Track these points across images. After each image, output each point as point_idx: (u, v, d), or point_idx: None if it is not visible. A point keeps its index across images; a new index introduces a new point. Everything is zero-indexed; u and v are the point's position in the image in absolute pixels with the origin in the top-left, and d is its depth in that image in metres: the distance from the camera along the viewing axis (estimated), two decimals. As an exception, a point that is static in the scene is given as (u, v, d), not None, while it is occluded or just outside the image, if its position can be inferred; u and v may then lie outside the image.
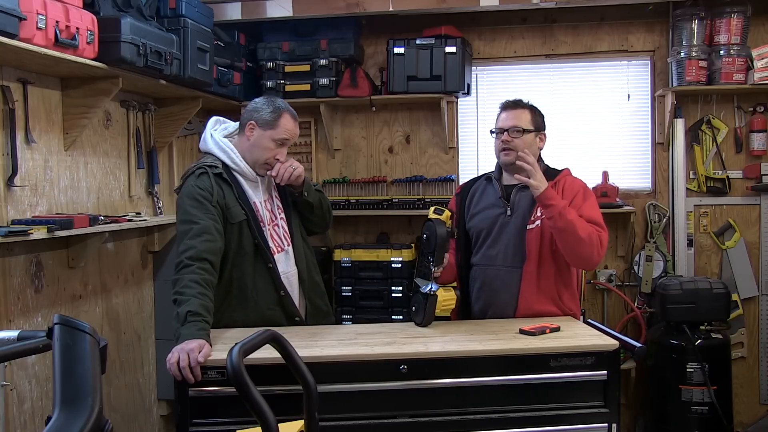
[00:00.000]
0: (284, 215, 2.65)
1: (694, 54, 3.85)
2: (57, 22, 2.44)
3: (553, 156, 2.87)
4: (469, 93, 4.22)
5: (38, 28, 2.35)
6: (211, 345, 2.13)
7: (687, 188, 4.05)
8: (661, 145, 4.12)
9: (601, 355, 2.19)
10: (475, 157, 4.34)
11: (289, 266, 2.61)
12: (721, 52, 3.83)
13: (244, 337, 1.66)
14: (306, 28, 4.15)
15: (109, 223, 2.90)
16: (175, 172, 3.81)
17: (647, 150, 4.19)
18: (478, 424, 2.12)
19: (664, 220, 4.09)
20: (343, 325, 3.32)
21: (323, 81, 4.09)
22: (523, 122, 2.67)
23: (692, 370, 3.59)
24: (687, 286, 3.68)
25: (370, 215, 4.26)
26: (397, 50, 4.00)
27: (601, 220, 2.58)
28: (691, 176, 4.09)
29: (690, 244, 4.07)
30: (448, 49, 3.95)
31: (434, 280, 2.49)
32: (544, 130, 2.75)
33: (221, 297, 2.47)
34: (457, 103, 4.27)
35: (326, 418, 2.00)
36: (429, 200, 4.08)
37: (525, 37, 4.26)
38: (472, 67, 4.24)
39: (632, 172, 4.20)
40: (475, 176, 2.93)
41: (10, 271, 2.60)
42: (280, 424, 1.51)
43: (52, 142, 2.84)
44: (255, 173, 2.57)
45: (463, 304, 2.73)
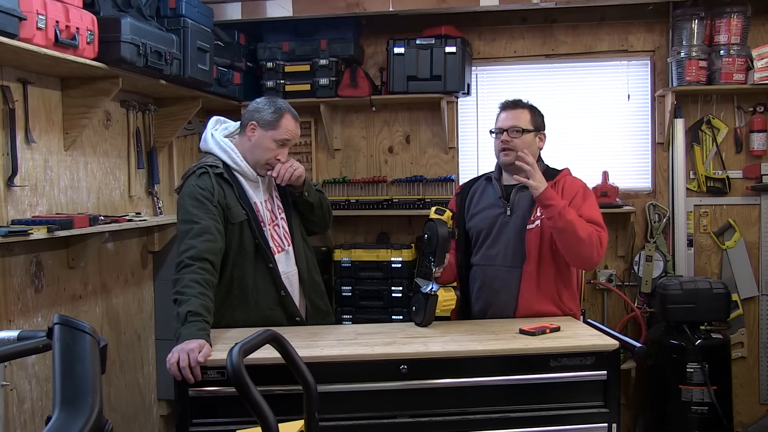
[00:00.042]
0: (284, 215, 2.65)
1: (694, 54, 3.85)
2: (57, 22, 2.44)
3: (553, 156, 2.87)
4: (469, 93, 4.22)
5: (38, 28, 2.35)
6: (211, 345, 2.13)
7: (687, 188, 4.05)
8: (661, 145, 4.12)
9: (601, 355, 2.19)
10: (475, 157, 4.34)
11: (290, 266, 2.61)
12: (721, 52, 3.83)
13: (245, 337, 1.66)
14: (306, 28, 4.15)
15: (109, 223, 2.90)
16: (175, 172, 3.81)
17: (647, 150, 4.19)
18: (478, 424, 2.12)
19: (664, 220, 4.09)
20: (343, 325, 3.31)
21: (323, 81, 4.09)
22: (523, 122, 2.66)
23: (692, 370, 3.59)
24: (687, 286, 3.68)
25: (370, 215, 4.26)
26: (397, 50, 4.00)
27: (601, 220, 2.58)
28: (691, 176, 4.09)
29: (690, 244, 4.07)
30: (448, 49, 3.94)
31: (435, 280, 2.50)
32: (544, 130, 2.75)
33: (222, 297, 2.47)
34: (457, 103, 4.27)
35: (326, 418, 2.00)
36: (429, 200, 4.08)
37: (525, 37, 4.25)
38: (472, 67, 4.24)
39: (632, 172, 4.20)
40: (475, 176, 2.93)
41: (10, 271, 2.60)
42: (280, 424, 1.51)
43: (52, 142, 2.85)
44: (256, 173, 2.57)
45: (463, 304, 2.73)
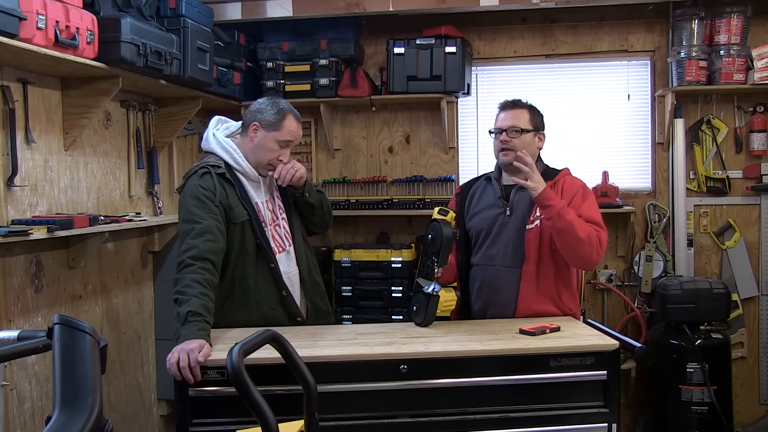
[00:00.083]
0: (285, 215, 2.65)
1: (694, 54, 3.84)
2: (57, 22, 2.43)
3: (553, 156, 2.87)
4: (469, 93, 4.22)
5: (38, 28, 2.35)
6: (211, 345, 2.13)
7: (687, 188, 4.05)
8: (661, 145, 4.12)
9: (601, 355, 2.19)
10: (475, 157, 4.34)
11: (291, 266, 2.61)
12: (721, 52, 3.83)
13: (245, 337, 1.66)
14: (306, 28, 4.15)
15: (109, 223, 2.90)
16: (175, 172, 3.81)
17: (647, 150, 4.19)
18: (478, 424, 2.12)
19: (664, 220, 4.09)
20: (343, 325, 3.32)
21: (323, 81, 4.09)
22: (522, 122, 2.66)
23: (692, 370, 3.59)
24: (687, 286, 3.68)
25: (370, 215, 4.26)
26: (397, 50, 4.00)
27: (601, 219, 2.58)
28: (691, 176, 4.09)
29: (690, 244, 4.07)
30: (448, 49, 3.94)
31: (436, 280, 2.49)
32: (543, 130, 2.75)
33: (223, 297, 2.47)
34: (457, 103, 4.27)
35: (326, 418, 2.00)
36: (429, 200, 4.09)
37: (525, 37, 4.25)
38: (472, 67, 4.24)
39: (632, 172, 4.20)
40: (475, 176, 2.93)
41: (10, 271, 2.60)
42: (280, 424, 1.51)
43: (52, 142, 2.84)
44: (257, 173, 2.57)
45: (463, 304, 2.73)
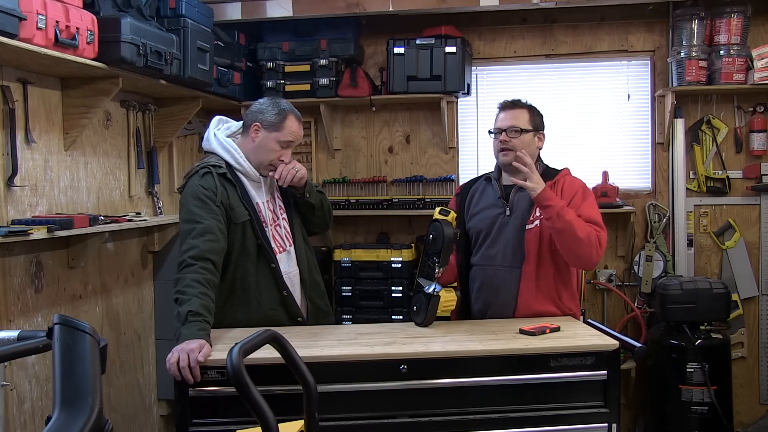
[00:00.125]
0: (286, 215, 2.65)
1: (694, 54, 3.84)
2: (57, 22, 2.43)
3: (553, 156, 2.87)
4: (469, 93, 4.22)
5: (38, 28, 2.35)
6: (211, 345, 2.13)
7: (687, 188, 4.05)
8: (661, 145, 4.12)
9: (601, 355, 2.19)
10: (475, 157, 4.34)
11: (291, 266, 2.61)
12: (721, 52, 3.83)
13: (246, 337, 1.66)
14: (306, 28, 4.15)
15: (109, 223, 2.90)
16: (175, 172, 3.81)
17: (647, 150, 4.19)
18: (478, 424, 2.12)
19: (664, 220, 4.09)
20: (343, 325, 3.31)
21: (323, 81, 4.09)
22: (521, 122, 2.66)
23: (692, 370, 3.59)
24: (687, 286, 3.68)
25: (370, 215, 4.26)
26: (397, 50, 4.00)
27: (600, 219, 2.58)
28: (691, 176, 4.09)
29: (690, 244, 4.07)
30: (448, 49, 3.94)
31: (436, 280, 2.49)
32: (543, 130, 2.75)
33: (224, 297, 2.47)
34: (457, 103, 4.27)
35: (326, 418, 2.00)
36: (429, 200, 4.09)
37: (525, 37, 4.25)
38: (472, 67, 4.24)
39: (632, 172, 4.20)
40: (475, 176, 2.93)
41: (10, 271, 2.60)
42: (280, 424, 1.51)
43: (52, 142, 2.84)
44: (258, 174, 2.57)
45: (463, 304, 2.73)
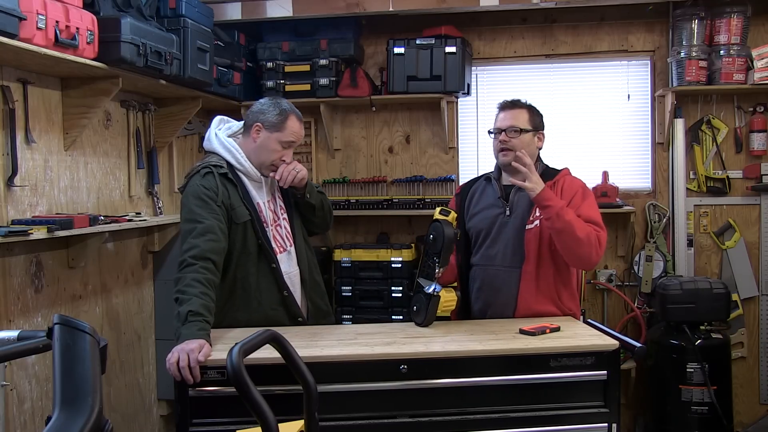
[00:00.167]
0: (286, 216, 2.65)
1: (694, 54, 3.84)
2: (57, 22, 2.43)
3: (553, 156, 2.87)
4: (469, 93, 4.22)
5: (38, 28, 2.35)
6: (211, 345, 2.13)
7: (687, 188, 4.05)
8: (661, 145, 4.12)
9: (601, 355, 2.19)
10: (475, 157, 4.34)
11: (292, 266, 2.61)
12: (721, 52, 3.83)
13: (246, 337, 1.66)
14: (306, 28, 4.15)
15: (109, 223, 2.90)
16: (175, 172, 3.81)
17: (647, 150, 4.19)
18: (478, 424, 2.12)
19: (664, 220, 4.09)
20: (343, 325, 3.32)
21: (323, 81, 4.09)
22: (521, 122, 2.66)
23: (692, 370, 3.59)
24: (687, 286, 3.68)
25: (370, 215, 4.26)
26: (397, 50, 4.00)
27: (600, 219, 2.58)
28: (691, 176, 4.09)
29: (690, 244, 4.07)
30: (448, 49, 3.95)
31: (436, 280, 2.49)
32: (543, 130, 2.74)
33: (225, 297, 2.47)
34: (457, 103, 4.27)
35: (326, 418, 2.00)
36: (429, 200, 4.09)
37: (525, 37, 4.25)
38: (472, 67, 4.24)
39: (632, 172, 4.20)
40: (475, 176, 2.93)
41: (10, 271, 2.60)
42: (280, 424, 1.51)
43: (52, 142, 2.84)
44: (259, 174, 2.57)
45: (463, 304, 2.73)
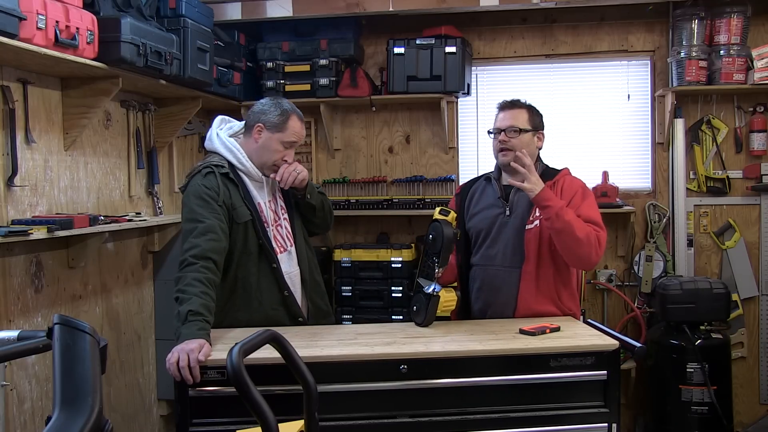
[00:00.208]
0: (287, 216, 2.65)
1: (694, 54, 3.85)
2: (57, 22, 2.43)
3: (552, 156, 2.87)
4: (469, 93, 4.22)
5: (38, 28, 2.35)
6: (211, 345, 2.13)
7: (687, 188, 4.05)
8: (661, 145, 4.12)
9: (601, 355, 2.19)
10: (475, 157, 4.34)
11: (292, 266, 2.61)
12: (721, 52, 3.83)
13: (246, 337, 1.65)
14: (306, 28, 4.15)
15: (109, 223, 2.90)
16: (175, 172, 3.81)
17: (647, 150, 4.19)
18: (478, 424, 2.12)
19: (664, 220, 4.09)
20: (343, 325, 3.32)
21: (323, 81, 4.09)
22: (521, 122, 2.66)
23: (692, 370, 3.59)
24: (687, 286, 3.68)
25: (370, 215, 4.26)
26: (397, 50, 4.00)
27: (600, 219, 2.58)
28: (691, 176, 4.09)
29: (690, 244, 4.07)
30: (448, 49, 3.95)
31: (436, 280, 2.49)
32: (542, 130, 2.74)
33: (225, 297, 2.47)
34: (457, 103, 4.27)
35: (326, 418, 2.00)
36: (429, 200, 4.09)
37: (525, 37, 4.25)
38: (472, 67, 4.24)
39: (632, 172, 4.20)
40: (475, 176, 2.93)
41: (10, 271, 2.60)
42: (280, 424, 1.51)
43: (52, 142, 2.84)
44: (260, 174, 2.57)
45: (463, 304, 2.73)
